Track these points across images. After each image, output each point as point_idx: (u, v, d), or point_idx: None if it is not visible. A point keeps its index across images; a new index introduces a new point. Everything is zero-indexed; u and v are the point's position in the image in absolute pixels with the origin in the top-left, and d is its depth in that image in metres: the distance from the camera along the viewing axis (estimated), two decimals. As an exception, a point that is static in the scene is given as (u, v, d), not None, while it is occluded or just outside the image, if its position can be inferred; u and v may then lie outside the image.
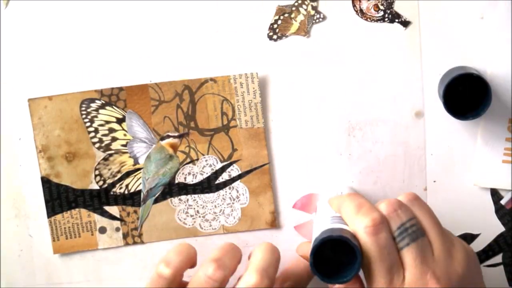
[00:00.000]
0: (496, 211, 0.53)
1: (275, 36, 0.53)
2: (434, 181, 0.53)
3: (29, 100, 0.53)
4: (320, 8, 0.52)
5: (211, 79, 0.53)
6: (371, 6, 0.51)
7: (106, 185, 0.54)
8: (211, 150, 0.54)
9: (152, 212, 0.54)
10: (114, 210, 0.54)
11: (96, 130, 0.54)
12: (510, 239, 0.53)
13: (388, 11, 0.51)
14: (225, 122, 0.53)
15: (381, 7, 0.51)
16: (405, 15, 0.51)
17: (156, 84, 0.53)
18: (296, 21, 0.52)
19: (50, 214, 0.54)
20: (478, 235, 0.54)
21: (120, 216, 0.54)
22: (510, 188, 0.52)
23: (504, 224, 0.53)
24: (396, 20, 0.51)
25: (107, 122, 0.54)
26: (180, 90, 0.53)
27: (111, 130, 0.54)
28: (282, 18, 0.52)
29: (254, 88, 0.53)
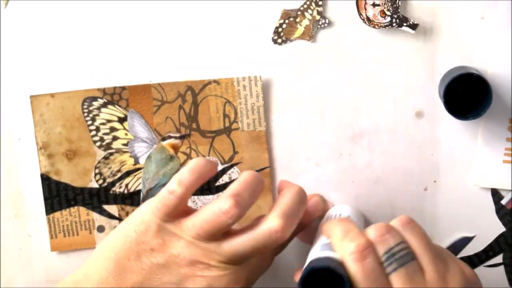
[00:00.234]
0: (497, 211, 0.53)
1: (279, 40, 0.53)
2: (434, 181, 0.53)
3: (31, 96, 0.53)
4: (326, 13, 0.52)
5: (214, 81, 0.53)
6: (377, 12, 0.51)
7: (106, 184, 0.54)
8: (212, 152, 0.54)
9: (151, 212, 0.54)
10: (113, 209, 0.54)
11: (98, 129, 0.54)
12: (510, 239, 0.53)
13: (395, 16, 0.51)
14: (227, 125, 0.53)
15: (387, 13, 0.51)
16: (412, 18, 0.51)
17: (159, 84, 0.53)
18: (301, 25, 0.52)
19: (49, 212, 0.54)
20: (478, 234, 0.54)
21: (119, 215, 0.54)
22: (511, 188, 0.53)
23: (504, 224, 0.53)
24: (405, 24, 0.51)
25: (109, 121, 0.53)
26: (183, 91, 0.53)
27: (113, 129, 0.54)
28: (287, 22, 0.52)
29: (257, 91, 0.53)
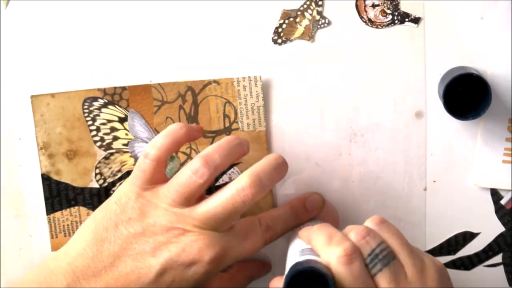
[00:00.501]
0: (496, 211, 0.53)
1: (279, 40, 0.53)
2: (434, 181, 0.54)
3: (31, 96, 0.53)
4: (325, 13, 0.52)
5: (215, 81, 0.53)
6: (378, 12, 0.51)
7: (106, 184, 0.54)
8: (212, 152, 0.54)
9: (152, 212, 0.54)
10: (113, 209, 0.54)
11: (98, 129, 0.54)
12: (510, 239, 0.53)
13: (396, 13, 0.51)
14: (227, 125, 0.53)
15: (388, 11, 0.51)
16: (412, 14, 0.51)
17: (159, 84, 0.53)
18: (301, 25, 0.52)
19: (49, 212, 0.54)
20: (478, 234, 0.54)
21: (120, 215, 0.54)
22: (510, 188, 0.53)
23: (504, 224, 0.53)
24: (406, 20, 0.51)
25: (109, 121, 0.54)
26: (183, 91, 0.53)
27: (113, 129, 0.54)
28: (287, 22, 0.52)
29: (257, 91, 0.53)
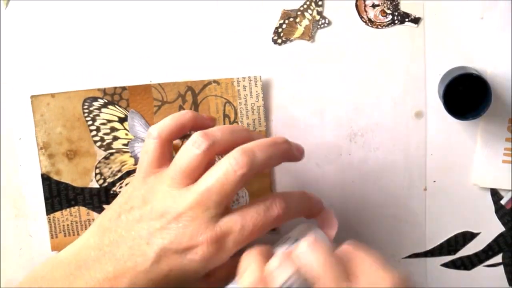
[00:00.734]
0: (496, 211, 0.53)
1: (279, 40, 0.53)
2: (434, 181, 0.54)
3: (31, 97, 0.53)
4: (325, 13, 0.52)
5: (215, 81, 0.53)
6: (378, 12, 0.51)
7: (106, 184, 0.54)
8: (212, 152, 0.54)
9: (152, 212, 0.54)
10: (113, 209, 0.54)
11: (98, 129, 0.54)
12: (510, 239, 0.54)
13: (396, 13, 0.51)
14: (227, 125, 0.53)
15: (388, 11, 0.51)
16: (412, 14, 0.51)
17: (159, 84, 0.53)
18: (301, 25, 0.52)
19: (49, 211, 0.54)
20: (478, 234, 0.54)
21: (120, 215, 0.54)
22: (510, 188, 0.53)
23: (504, 224, 0.53)
24: (406, 20, 0.51)
25: (109, 121, 0.54)
26: (183, 91, 0.53)
27: (113, 129, 0.54)
28: (287, 22, 0.52)
29: (257, 91, 0.53)
